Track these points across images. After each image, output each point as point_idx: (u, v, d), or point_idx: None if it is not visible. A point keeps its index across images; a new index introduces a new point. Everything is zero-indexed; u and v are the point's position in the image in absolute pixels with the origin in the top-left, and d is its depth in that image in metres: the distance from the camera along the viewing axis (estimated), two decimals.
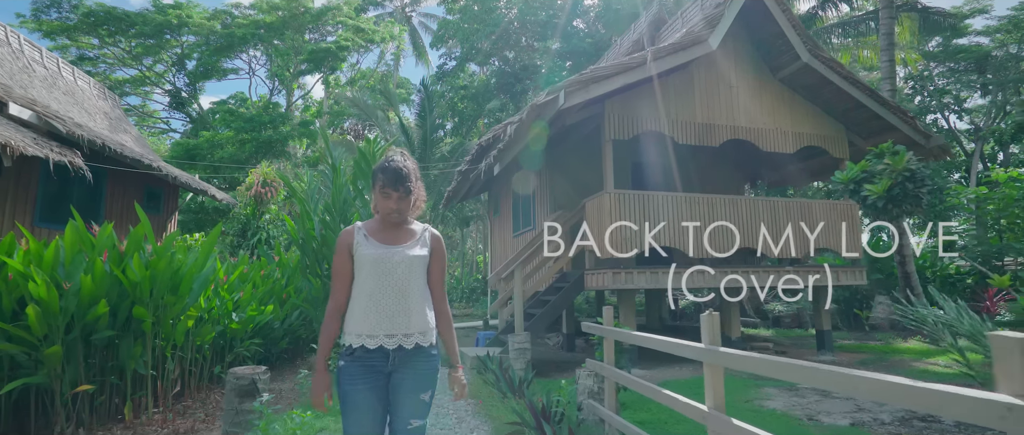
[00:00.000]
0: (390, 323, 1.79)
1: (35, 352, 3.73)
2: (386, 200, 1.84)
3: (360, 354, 1.79)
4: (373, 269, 1.79)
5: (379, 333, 1.78)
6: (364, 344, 1.78)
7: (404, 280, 1.81)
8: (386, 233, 1.88)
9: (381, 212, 1.87)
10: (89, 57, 21.53)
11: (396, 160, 1.86)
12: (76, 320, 3.89)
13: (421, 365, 1.84)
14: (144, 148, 11.98)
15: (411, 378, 1.82)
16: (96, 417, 4.10)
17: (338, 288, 1.84)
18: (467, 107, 24.11)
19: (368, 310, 1.78)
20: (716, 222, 6.60)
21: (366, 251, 1.81)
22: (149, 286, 4.22)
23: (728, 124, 7.06)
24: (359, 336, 1.78)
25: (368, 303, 1.78)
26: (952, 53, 22.09)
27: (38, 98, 8.36)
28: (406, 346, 1.81)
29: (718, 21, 6.43)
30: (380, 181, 1.84)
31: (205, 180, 18.98)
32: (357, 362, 1.79)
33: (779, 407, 4.20)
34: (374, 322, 1.78)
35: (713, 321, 2.07)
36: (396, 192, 1.82)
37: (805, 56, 6.90)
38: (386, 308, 1.78)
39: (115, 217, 9.30)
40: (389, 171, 1.82)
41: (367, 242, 1.84)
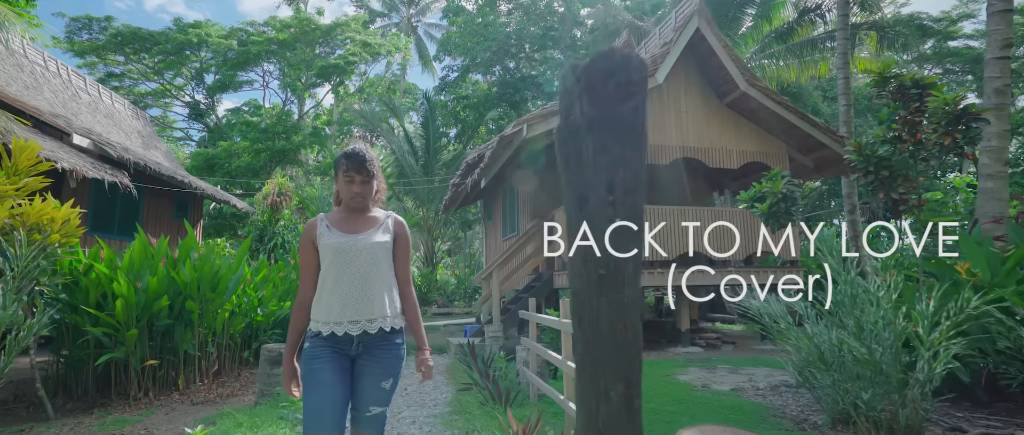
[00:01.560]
0: (354, 309, 1.82)
1: (116, 334, 4.98)
2: (349, 184, 1.88)
3: (327, 338, 1.83)
4: (336, 257, 1.82)
5: (343, 320, 1.82)
6: (331, 330, 1.82)
7: (367, 267, 1.84)
8: (349, 222, 1.91)
9: (344, 198, 1.91)
10: (116, 73, 23.07)
11: (358, 147, 1.92)
12: (144, 311, 5.13)
13: (385, 353, 1.87)
14: (173, 163, 13.34)
15: (374, 365, 1.85)
16: (158, 386, 5.34)
17: (305, 280, 1.89)
18: (469, 116, 25.36)
19: (332, 298, 1.82)
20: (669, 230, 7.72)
21: (329, 241, 1.84)
22: (196, 285, 5.46)
23: (678, 144, 8.17)
24: (325, 324, 1.83)
25: (332, 291, 1.82)
26: (944, 55, 22.91)
27: (87, 124, 9.71)
28: (370, 331, 1.84)
29: (663, 59, 7.55)
30: (343, 166, 1.88)
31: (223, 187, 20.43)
32: (322, 343, 1.83)
33: (687, 379, 5.34)
34: (338, 309, 1.81)
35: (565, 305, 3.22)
36: (359, 176, 1.87)
37: (743, 85, 8.00)
38: (349, 295, 1.82)
39: (151, 224, 10.63)
40: (352, 156, 1.88)
41: (330, 232, 1.86)
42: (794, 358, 3.64)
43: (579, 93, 1.12)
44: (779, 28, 17.23)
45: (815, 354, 3.44)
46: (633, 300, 1.04)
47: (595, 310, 1.04)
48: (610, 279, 1.04)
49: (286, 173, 23.99)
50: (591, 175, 1.08)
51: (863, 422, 3.23)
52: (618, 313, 1.02)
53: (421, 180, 20.48)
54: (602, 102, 1.10)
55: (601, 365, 1.01)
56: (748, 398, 4.44)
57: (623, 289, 1.03)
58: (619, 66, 1.12)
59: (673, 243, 7.78)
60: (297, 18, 23.23)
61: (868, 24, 14.12)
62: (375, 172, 1.91)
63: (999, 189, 7.23)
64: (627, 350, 1.01)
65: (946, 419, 3.54)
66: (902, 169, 4.24)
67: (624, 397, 0.99)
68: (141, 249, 5.33)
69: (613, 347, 1.01)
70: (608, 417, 1.00)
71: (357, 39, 24.32)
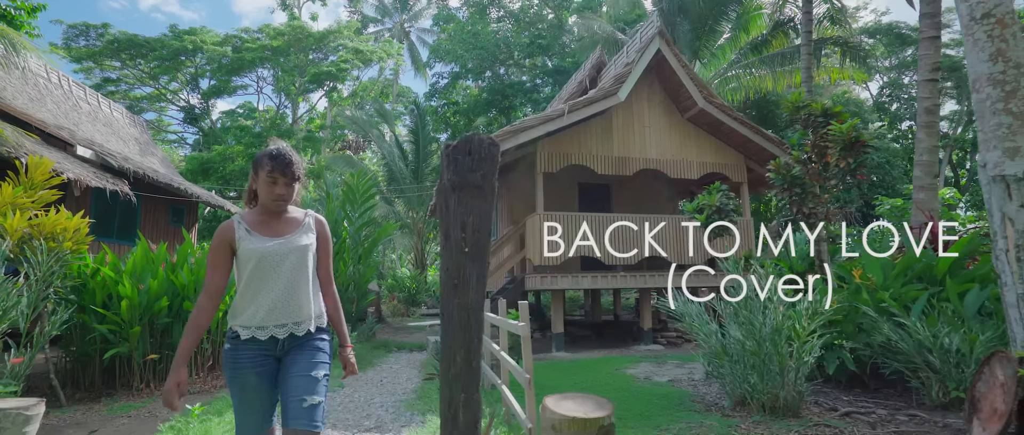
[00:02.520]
0: (282, 313, 1.78)
1: (121, 331, 5.55)
2: (272, 186, 1.81)
3: (246, 343, 1.78)
4: (261, 263, 1.76)
5: (269, 324, 1.78)
6: (254, 335, 1.77)
7: (294, 271, 1.80)
8: (269, 225, 1.85)
9: (265, 199, 1.83)
10: (112, 78, 23.57)
11: (282, 148, 1.85)
12: (146, 310, 5.71)
13: (311, 348, 1.84)
14: (169, 169, 13.88)
15: (301, 359, 1.81)
16: (158, 378, 5.92)
17: (215, 281, 1.81)
18: (459, 121, 26.00)
19: (260, 303, 1.77)
20: (626, 237, 8.35)
21: (252, 245, 1.77)
22: (193, 287, 6.04)
23: (641, 156, 8.82)
24: (249, 328, 1.77)
25: (258, 296, 1.77)
26: None
27: (88, 133, 10.26)
28: (297, 333, 1.82)
29: (626, 78, 8.19)
30: (268, 167, 1.80)
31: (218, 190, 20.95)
32: (246, 347, 1.77)
33: (633, 372, 5.96)
34: (264, 314, 1.77)
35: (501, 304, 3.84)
36: (284, 178, 1.81)
37: (701, 102, 8.65)
38: (277, 300, 1.78)
39: (149, 229, 11.17)
40: (278, 157, 1.81)
41: (251, 236, 1.79)
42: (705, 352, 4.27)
43: (446, 165, 1.74)
44: (755, 40, 17.88)
45: (719, 348, 4.08)
46: (476, 301, 1.66)
47: (451, 307, 1.66)
48: (461, 286, 1.65)
49: None
50: (452, 219, 1.70)
51: (754, 403, 3.86)
52: (464, 309, 1.64)
53: (411, 185, 21.06)
54: (460, 171, 1.71)
55: (452, 340, 1.63)
56: (680, 388, 5.07)
57: (468, 293, 1.65)
58: (474, 147, 1.74)
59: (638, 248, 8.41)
60: (290, 26, 23.79)
61: (833, 39, 14.81)
62: (300, 175, 1.87)
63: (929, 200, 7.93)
64: (468, 331, 1.62)
65: (830, 401, 4.18)
66: (811, 188, 4.88)
67: (465, 359, 1.61)
68: (143, 254, 5.91)
69: (460, 329, 1.63)
70: (456, 372, 1.62)
71: (349, 46, 24.89)
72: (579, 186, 10.75)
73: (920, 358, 3.85)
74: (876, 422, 3.56)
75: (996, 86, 3.00)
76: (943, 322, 3.89)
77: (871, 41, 25.29)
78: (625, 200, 10.40)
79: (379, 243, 9.24)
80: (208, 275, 1.81)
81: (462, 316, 1.64)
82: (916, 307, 4.11)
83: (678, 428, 3.56)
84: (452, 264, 1.70)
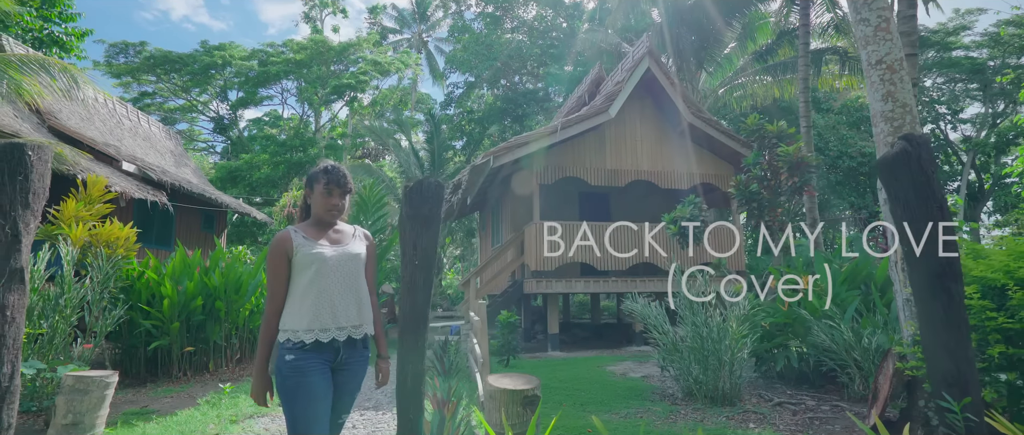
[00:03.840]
0: (343, 316, 1.89)
1: (162, 326, 6.40)
2: (328, 197, 1.97)
3: (312, 348, 1.85)
4: (322, 268, 1.88)
5: (331, 326, 1.87)
6: (317, 338, 1.85)
7: (352, 277, 1.95)
8: (324, 234, 1.99)
9: (320, 211, 1.98)
10: (148, 92, 25.08)
11: (335, 164, 2.02)
12: (183, 309, 6.55)
13: (358, 365, 1.98)
14: (200, 179, 14.96)
15: (351, 379, 1.96)
16: (194, 368, 6.75)
17: (278, 292, 1.90)
18: (474, 129, 26.82)
19: (321, 306, 1.86)
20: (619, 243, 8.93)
21: (312, 250, 1.89)
22: (223, 288, 6.87)
23: (633, 168, 9.40)
24: (310, 331, 1.85)
25: (319, 299, 1.87)
26: (947, 64, 23.55)
27: (130, 149, 11.31)
28: (355, 337, 1.93)
29: (616, 96, 8.79)
30: (323, 180, 1.97)
31: (245, 196, 22.14)
32: (310, 355, 1.84)
33: (614, 369, 6.56)
34: (327, 317, 1.86)
35: (480, 306, 4.50)
36: (338, 189, 1.97)
37: (688, 117, 9.19)
38: (338, 303, 1.89)
39: (183, 235, 12.18)
40: (333, 171, 1.99)
41: (309, 242, 1.92)
42: (660, 349, 4.87)
43: (405, 201, 2.42)
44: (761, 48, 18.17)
45: (671, 345, 4.67)
46: (423, 299, 2.34)
47: (406, 302, 2.34)
48: (412, 289, 2.33)
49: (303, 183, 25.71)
50: (408, 240, 2.38)
51: (700, 394, 4.44)
52: (414, 304, 2.32)
53: None
54: (414, 206, 2.40)
55: (406, 325, 2.31)
56: (649, 382, 5.65)
57: (417, 294, 2.33)
58: (424, 189, 2.42)
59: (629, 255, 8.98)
60: (312, 40, 24.95)
61: (832, 49, 15.11)
62: (351, 188, 2.03)
63: None
64: (417, 320, 2.30)
65: (772, 393, 4.72)
66: (767, 202, 5.43)
67: (413, 339, 2.29)
68: (181, 259, 6.77)
69: (412, 318, 2.31)
70: (406, 349, 2.30)
71: (368, 58, 25.94)
72: (580, 195, 11.36)
73: (848, 356, 4.38)
74: (799, 411, 4.11)
75: (887, 121, 3.55)
76: (875, 323, 4.41)
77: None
78: (624, 208, 10.95)
79: (391, 249, 10.00)
80: (271, 285, 1.90)
81: (413, 309, 2.32)
82: (849, 310, 4.63)
83: (627, 412, 4.17)
84: (407, 273, 2.39)
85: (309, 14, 33.73)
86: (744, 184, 5.52)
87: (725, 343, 4.19)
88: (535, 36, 27.73)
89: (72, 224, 5.69)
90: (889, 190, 2.55)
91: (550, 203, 9.74)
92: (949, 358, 2.33)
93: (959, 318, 2.35)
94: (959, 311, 2.35)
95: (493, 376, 2.82)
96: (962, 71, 23.15)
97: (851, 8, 3.81)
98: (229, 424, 3.61)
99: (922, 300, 2.43)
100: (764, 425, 3.72)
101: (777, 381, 5.27)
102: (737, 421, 3.81)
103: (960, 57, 23.15)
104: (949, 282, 2.37)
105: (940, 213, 2.40)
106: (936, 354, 2.38)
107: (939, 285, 2.37)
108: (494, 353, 7.50)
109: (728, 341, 4.20)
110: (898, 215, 2.51)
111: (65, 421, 3.01)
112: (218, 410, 3.97)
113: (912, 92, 3.56)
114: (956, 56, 23.10)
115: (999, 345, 2.73)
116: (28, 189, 2.50)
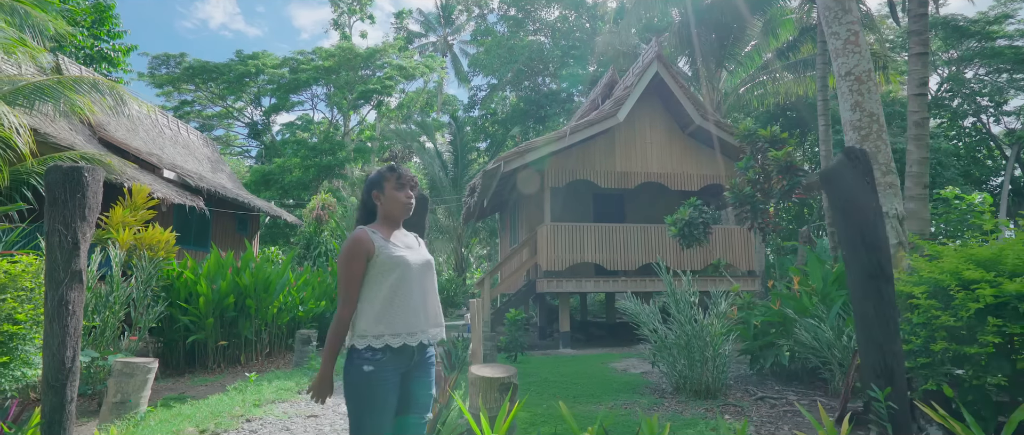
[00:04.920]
0: (424, 320, 1.86)
1: (199, 322, 7.01)
2: (400, 192, 1.94)
3: (388, 354, 1.79)
4: (406, 271, 1.84)
5: (415, 331, 1.83)
6: (404, 343, 1.80)
7: (429, 280, 1.92)
8: (396, 236, 1.95)
9: (395, 210, 1.94)
10: (188, 100, 26.49)
11: (396, 163, 2.03)
12: (217, 306, 7.15)
13: (429, 364, 1.93)
14: (235, 184, 15.84)
15: (425, 374, 1.90)
16: (227, 361, 7.36)
17: (354, 295, 1.82)
18: (497, 130, 27.28)
19: (405, 310, 1.82)
20: (626, 245, 9.17)
21: (393, 252, 1.85)
22: (253, 288, 7.45)
23: (642, 171, 9.60)
24: (397, 336, 1.80)
25: (404, 303, 1.82)
26: (989, 54, 22.70)
27: (171, 157, 12.16)
28: (427, 342, 1.89)
29: (624, 101, 9.02)
30: (393, 176, 1.95)
31: (277, 199, 23.16)
32: (387, 364, 1.79)
33: (615, 366, 6.83)
34: (408, 320, 1.82)
35: (474, 304, 4.86)
36: (410, 183, 1.96)
37: (697, 120, 9.34)
38: (419, 307, 1.85)
39: (218, 237, 13.00)
40: (399, 168, 1.97)
41: (388, 244, 1.87)
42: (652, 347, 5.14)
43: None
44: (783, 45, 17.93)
45: (661, 343, 4.94)
46: None
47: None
48: None
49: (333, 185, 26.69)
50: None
51: (687, 388, 4.70)
52: None
53: (450, 193, 22.44)
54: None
55: None
56: (646, 378, 5.91)
57: None
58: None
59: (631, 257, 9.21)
60: (339, 47, 25.84)
61: None
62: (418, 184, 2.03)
63: (920, 210, 8.28)
64: None
65: (758, 389, 4.92)
66: (760, 204, 5.61)
67: None
68: (215, 260, 7.38)
69: None
70: None
71: (393, 63, 26.70)
72: (594, 196, 11.61)
73: (829, 354, 4.56)
74: (778, 405, 4.32)
75: (855, 130, 3.75)
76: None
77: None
78: (637, 210, 11.15)
79: None
80: (349, 288, 1.81)
81: None
82: (833, 309, 4.80)
83: (613, 404, 4.47)
84: None
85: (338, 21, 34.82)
86: (738, 187, 5.71)
87: (705, 340, 4.44)
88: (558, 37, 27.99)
89: (120, 229, 6.33)
90: (830, 198, 2.79)
91: (565, 204, 10.05)
92: (878, 352, 2.56)
93: (889, 316, 2.58)
94: (889, 309, 2.58)
95: (475, 366, 3.18)
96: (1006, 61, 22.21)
97: (823, 22, 4.01)
98: (253, 408, 4.08)
99: (856, 299, 2.67)
100: (738, 417, 3.97)
101: (770, 378, 5.46)
102: (714, 413, 4.07)
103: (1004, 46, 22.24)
104: (880, 283, 2.60)
105: (873, 220, 2.64)
106: (868, 348, 2.61)
107: (871, 285, 2.61)
108: (503, 349, 7.87)
109: (708, 338, 4.44)
110: (837, 221, 2.75)
111: (115, 399, 3.53)
112: (243, 396, 4.46)
113: (879, 102, 3.75)
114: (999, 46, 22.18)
115: (943, 342, 2.93)
116: (85, 205, 2.99)
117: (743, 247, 9.49)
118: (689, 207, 6.53)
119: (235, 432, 3.55)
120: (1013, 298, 2.77)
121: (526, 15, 28.27)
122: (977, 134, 25.51)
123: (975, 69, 24.32)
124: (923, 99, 8.42)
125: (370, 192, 2.00)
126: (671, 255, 9.25)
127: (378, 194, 1.98)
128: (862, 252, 2.63)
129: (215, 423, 3.58)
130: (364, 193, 2.03)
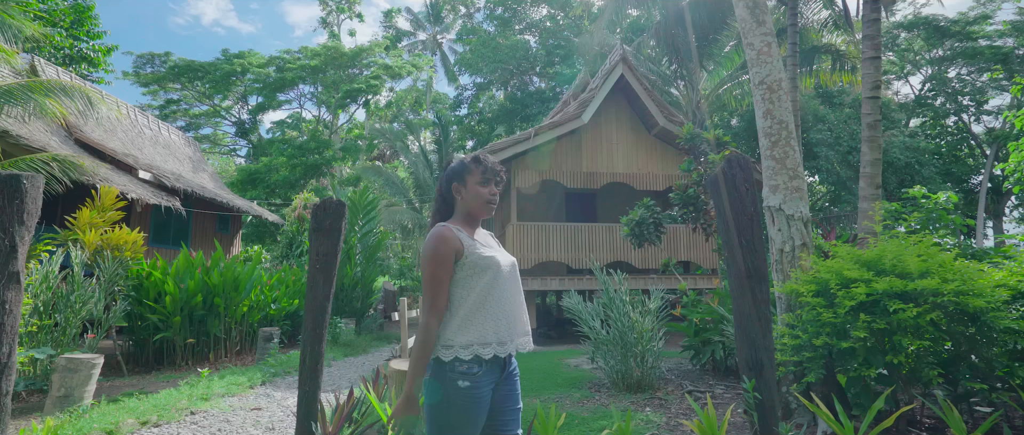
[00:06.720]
0: (520, 326, 1.70)
1: (167, 320, 7.19)
2: (486, 187, 1.73)
3: (486, 368, 1.61)
4: (499, 273, 1.66)
5: (510, 339, 1.66)
6: (496, 354, 1.61)
7: (518, 283, 1.75)
8: (479, 236, 1.76)
9: (479, 204, 1.73)
10: (174, 99, 26.51)
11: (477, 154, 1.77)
12: (185, 304, 7.32)
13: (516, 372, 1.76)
14: (217, 183, 15.97)
15: (515, 388, 1.73)
16: (195, 358, 7.54)
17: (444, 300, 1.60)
18: (483, 129, 27.47)
19: (502, 316, 1.64)
20: (592, 244, 9.39)
21: (484, 253, 1.66)
22: (222, 286, 7.63)
23: (608, 171, 9.83)
24: (486, 345, 1.60)
25: (491, 309, 1.63)
26: (970, 54, 23.06)
27: (149, 157, 12.29)
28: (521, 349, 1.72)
29: (589, 103, 9.24)
30: (479, 169, 1.73)
31: (263, 198, 23.27)
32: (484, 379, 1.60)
33: (569, 362, 7.06)
34: (499, 329, 1.63)
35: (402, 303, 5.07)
36: (495, 178, 1.76)
37: (662, 121, 9.57)
38: (515, 312, 1.69)
39: (198, 237, 13.14)
40: (487, 161, 1.75)
41: (476, 244, 1.68)
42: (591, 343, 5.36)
43: (312, 217, 3.01)
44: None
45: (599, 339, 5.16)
46: (324, 293, 2.92)
47: (311, 297, 2.93)
48: (314, 287, 2.92)
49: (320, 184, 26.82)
50: (313, 247, 2.97)
51: (622, 382, 4.93)
52: (315, 298, 2.90)
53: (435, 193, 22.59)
54: (318, 221, 2.98)
55: (309, 314, 2.90)
56: (593, 374, 6.12)
57: (317, 290, 2.91)
58: (328, 206, 3.01)
59: (603, 254, 9.44)
60: (326, 47, 25.94)
61: (824, 47, 15.15)
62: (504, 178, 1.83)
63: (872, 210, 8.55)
64: (317, 312, 2.89)
65: (692, 383, 5.16)
66: (703, 205, 5.84)
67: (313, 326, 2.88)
68: (184, 260, 7.55)
69: (312, 311, 2.90)
70: (307, 334, 2.89)
71: (380, 62, 26.82)
72: (566, 196, 11.84)
73: None
74: (701, 398, 4.56)
75: (766, 137, 3.98)
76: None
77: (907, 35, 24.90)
78: (609, 209, 11.39)
79: (380, 249, 10.66)
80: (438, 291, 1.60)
81: (315, 302, 2.91)
82: None
83: (546, 397, 4.69)
84: (311, 274, 2.98)
85: (326, 19, 34.87)
86: (682, 189, 5.94)
87: (633, 336, 4.66)
88: (545, 36, 28.18)
89: (86, 230, 6.50)
90: (714, 202, 3.01)
91: (537, 204, 10.27)
92: (751, 347, 2.78)
93: (762, 314, 2.80)
94: (762, 308, 2.81)
95: (395, 360, 3.39)
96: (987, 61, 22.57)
97: (741, 32, 4.23)
98: (199, 401, 4.28)
99: (734, 296, 2.89)
100: (658, 409, 4.20)
101: (710, 373, 5.70)
102: (637, 405, 4.30)
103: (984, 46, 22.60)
104: (755, 283, 2.83)
105: (749, 224, 2.86)
106: (742, 343, 2.83)
107: (747, 285, 2.83)
108: None
109: (636, 334, 4.67)
110: (720, 224, 2.97)
111: (59, 394, 3.72)
112: (193, 390, 4.65)
113: (789, 110, 3.97)
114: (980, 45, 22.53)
115: (825, 337, 3.16)
116: (23, 210, 3.17)
117: (706, 246, 9.73)
118: (641, 207, 6.76)
119: (176, 424, 3.74)
120: (882, 295, 3.01)
121: (513, 14, 28.43)
122: (958, 133, 25.92)
123: (958, 68, 24.71)
124: (876, 102, 8.70)
125: (450, 184, 1.78)
126: (636, 254, 9.49)
127: (458, 187, 1.76)
128: (739, 253, 2.85)
129: (158, 415, 3.78)
130: (443, 184, 1.80)
